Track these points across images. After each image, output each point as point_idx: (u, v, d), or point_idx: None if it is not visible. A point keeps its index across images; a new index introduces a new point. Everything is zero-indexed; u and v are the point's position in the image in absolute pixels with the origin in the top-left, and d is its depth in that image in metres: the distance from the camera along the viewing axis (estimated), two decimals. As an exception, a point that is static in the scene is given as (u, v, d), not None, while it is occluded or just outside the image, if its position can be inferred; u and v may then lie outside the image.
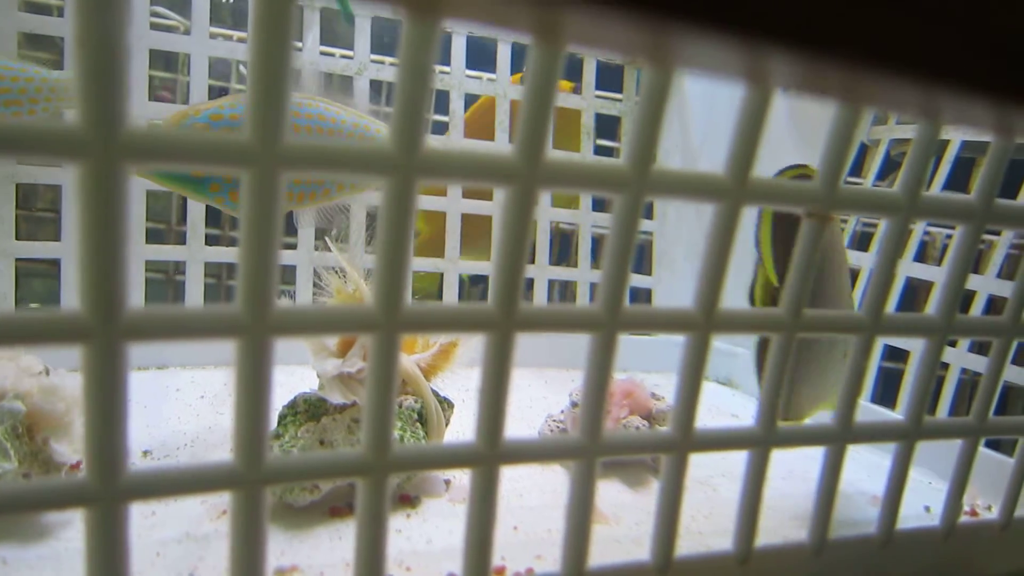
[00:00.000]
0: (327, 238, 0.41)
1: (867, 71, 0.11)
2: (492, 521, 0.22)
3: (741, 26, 0.10)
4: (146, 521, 0.33)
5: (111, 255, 0.16)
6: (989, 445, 0.44)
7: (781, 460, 0.34)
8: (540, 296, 0.71)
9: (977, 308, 0.51)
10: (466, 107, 0.70)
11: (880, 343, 0.56)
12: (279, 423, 0.37)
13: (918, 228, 0.59)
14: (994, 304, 0.50)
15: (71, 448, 0.31)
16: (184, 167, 0.16)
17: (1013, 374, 0.45)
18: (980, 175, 0.24)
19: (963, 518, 0.31)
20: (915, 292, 0.68)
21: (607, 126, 0.77)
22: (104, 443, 0.17)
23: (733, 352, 0.72)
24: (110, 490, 0.17)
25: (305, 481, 0.20)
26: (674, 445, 0.24)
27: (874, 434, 0.27)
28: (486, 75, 0.72)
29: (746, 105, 0.21)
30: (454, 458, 0.22)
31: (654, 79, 0.19)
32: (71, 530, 0.31)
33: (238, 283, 0.18)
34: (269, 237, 0.17)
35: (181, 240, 0.61)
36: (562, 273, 0.73)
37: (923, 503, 0.43)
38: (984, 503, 0.43)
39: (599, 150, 0.75)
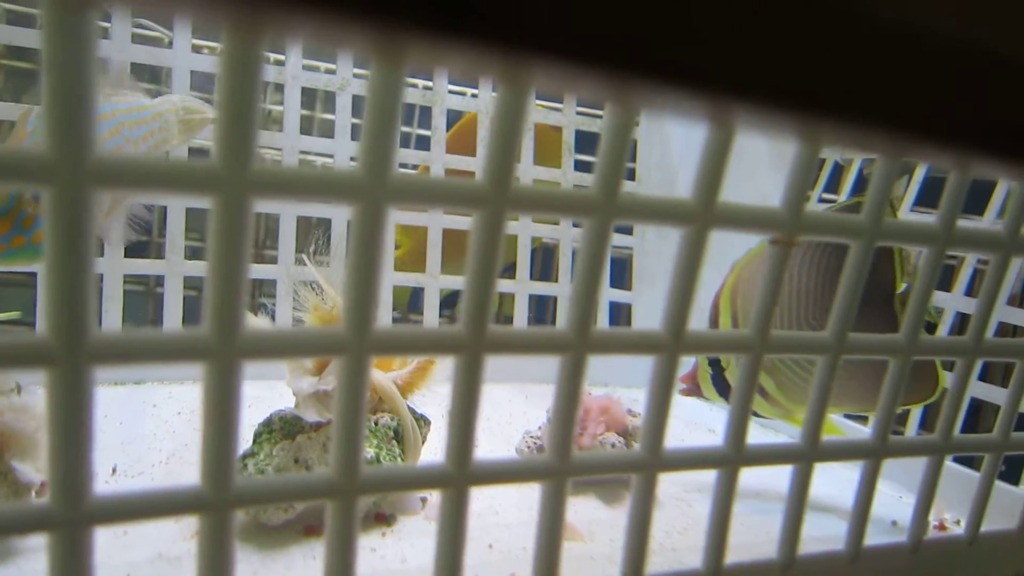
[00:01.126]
0: (304, 254, 0.41)
1: (827, 122, 0.11)
2: (462, 543, 0.22)
3: (706, 84, 0.10)
4: (117, 541, 0.33)
5: (77, 280, 0.16)
6: (959, 459, 0.45)
7: (756, 475, 0.34)
8: (520, 311, 0.71)
9: (946, 324, 0.51)
10: (449, 123, 0.71)
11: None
12: (254, 441, 0.37)
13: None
14: (963, 319, 0.51)
15: (34, 467, 0.31)
16: (152, 193, 0.17)
17: (982, 390, 0.46)
18: (943, 201, 0.25)
19: (931, 532, 0.31)
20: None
21: (588, 143, 0.78)
22: (68, 468, 0.17)
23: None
24: (74, 515, 0.17)
25: (274, 504, 0.20)
26: (643, 465, 0.24)
27: (841, 452, 0.27)
28: (469, 90, 0.73)
29: (712, 134, 0.21)
30: (424, 480, 0.22)
31: (619, 112, 0.20)
32: (42, 552, 0.31)
33: (206, 307, 0.18)
34: (237, 262, 0.17)
35: (162, 251, 0.61)
36: (542, 288, 0.73)
37: (892, 517, 0.43)
38: (952, 517, 0.43)
39: (580, 166, 0.76)
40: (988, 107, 0.14)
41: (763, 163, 0.67)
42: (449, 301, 0.72)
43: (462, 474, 0.21)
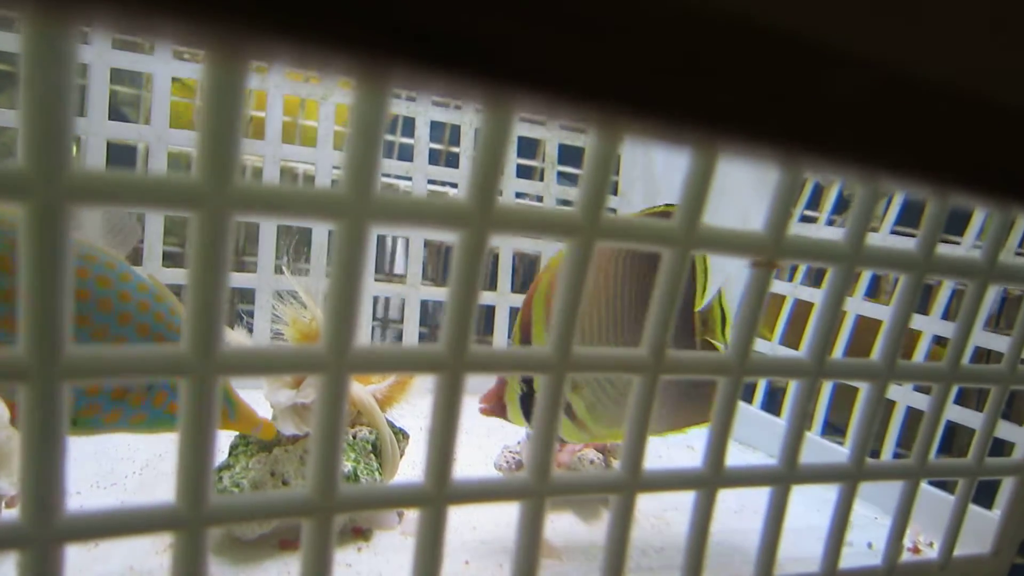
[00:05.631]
0: (283, 264, 0.41)
1: (807, 154, 0.11)
2: (439, 561, 0.22)
3: (693, 119, 0.10)
4: (88, 554, 0.32)
5: (53, 295, 0.16)
6: (934, 482, 0.45)
7: (734, 494, 0.34)
8: (501, 323, 0.71)
9: (923, 347, 0.52)
10: (432, 134, 0.70)
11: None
12: (230, 453, 0.37)
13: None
14: (940, 341, 0.51)
15: (9, 482, 0.30)
16: (131, 208, 0.16)
17: (957, 414, 0.46)
18: (922, 227, 0.25)
19: (905, 555, 0.31)
20: (868, 326, 0.69)
21: (572, 156, 0.78)
22: (41, 484, 0.17)
23: (691, 382, 0.72)
24: (45, 533, 0.17)
25: (249, 521, 0.20)
26: (622, 486, 0.24)
27: (818, 476, 0.28)
28: (453, 102, 0.73)
29: (695, 158, 0.21)
30: (401, 498, 0.22)
31: (603, 136, 0.20)
32: (7, 565, 0.31)
33: (185, 323, 0.17)
34: (217, 279, 0.17)
35: (139, 257, 0.60)
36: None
37: (867, 539, 0.44)
38: (927, 540, 0.44)
39: (562, 178, 0.76)
40: (971, 146, 0.14)
41: (744, 181, 0.67)
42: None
43: (440, 493, 0.21)
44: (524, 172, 0.79)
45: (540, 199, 0.75)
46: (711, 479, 0.25)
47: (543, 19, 0.09)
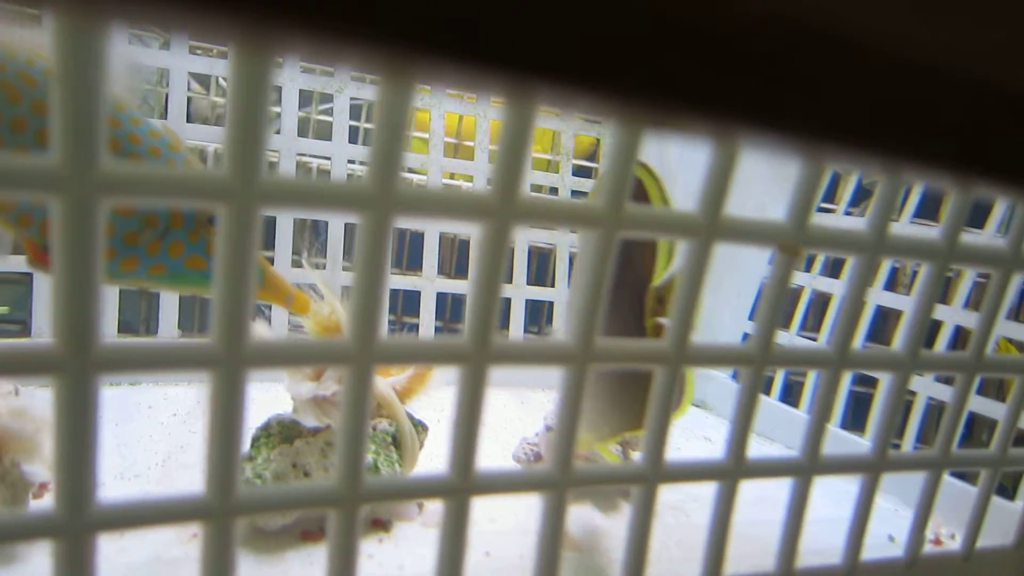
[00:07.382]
0: (302, 257, 0.41)
1: (830, 145, 0.11)
2: (463, 553, 0.22)
3: (717, 113, 0.10)
4: (115, 544, 0.32)
5: (85, 288, 0.16)
6: (955, 473, 0.45)
7: (754, 485, 0.34)
8: (517, 316, 0.71)
9: (944, 338, 0.51)
10: (447, 126, 0.71)
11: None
12: (252, 445, 0.37)
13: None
14: (961, 333, 0.51)
15: (44, 467, 0.31)
16: (161, 202, 0.17)
17: (978, 404, 0.46)
18: (945, 216, 0.25)
19: (927, 547, 0.31)
20: (885, 318, 0.69)
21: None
22: (74, 475, 0.17)
23: (709, 375, 0.72)
24: (78, 522, 0.17)
25: (276, 512, 0.20)
26: (644, 477, 0.24)
27: (840, 466, 0.28)
28: (468, 94, 0.73)
29: (717, 150, 0.21)
30: (426, 489, 0.22)
31: (626, 128, 0.20)
32: (35, 556, 0.31)
33: (212, 316, 0.18)
34: (244, 271, 0.17)
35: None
36: (539, 293, 0.73)
37: (888, 532, 0.43)
38: (948, 532, 0.43)
39: (577, 171, 0.76)
40: (988, 128, 0.14)
41: (761, 171, 0.67)
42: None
43: (465, 484, 0.21)
44: (538, 164, 0.79)
45: (555, 191, 0.75)
46: (733, 470, 0.25)
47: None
